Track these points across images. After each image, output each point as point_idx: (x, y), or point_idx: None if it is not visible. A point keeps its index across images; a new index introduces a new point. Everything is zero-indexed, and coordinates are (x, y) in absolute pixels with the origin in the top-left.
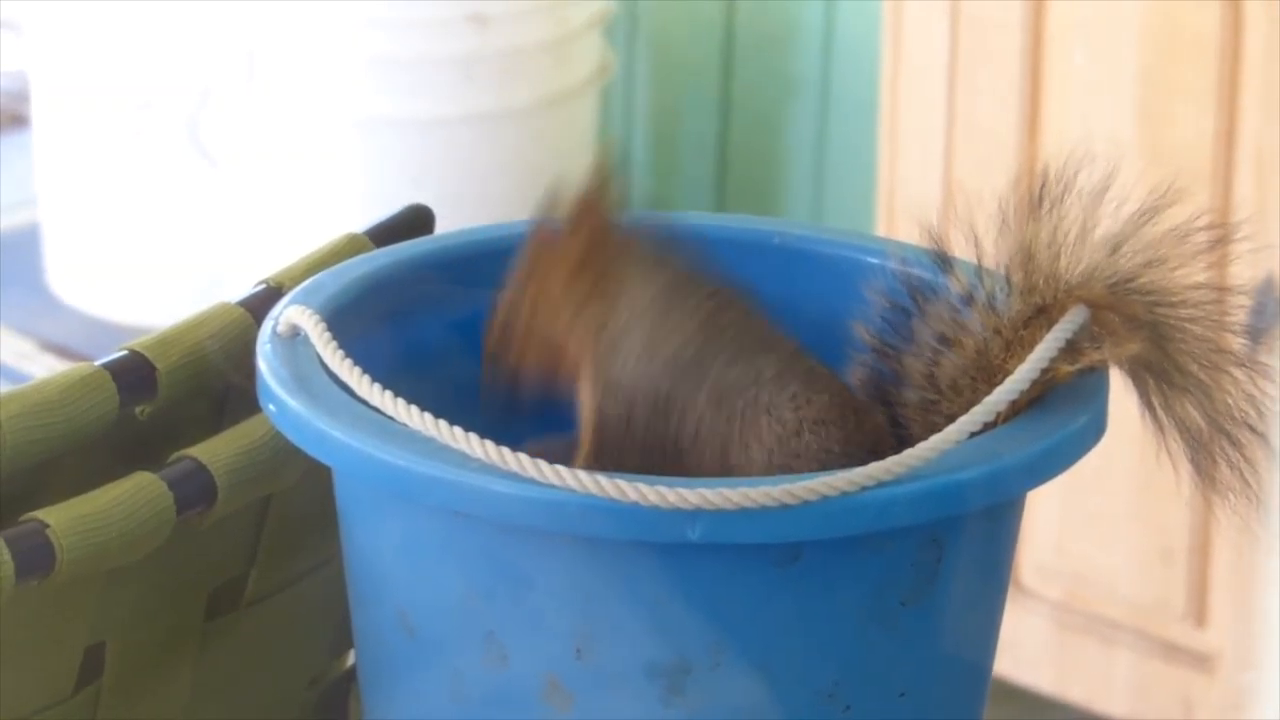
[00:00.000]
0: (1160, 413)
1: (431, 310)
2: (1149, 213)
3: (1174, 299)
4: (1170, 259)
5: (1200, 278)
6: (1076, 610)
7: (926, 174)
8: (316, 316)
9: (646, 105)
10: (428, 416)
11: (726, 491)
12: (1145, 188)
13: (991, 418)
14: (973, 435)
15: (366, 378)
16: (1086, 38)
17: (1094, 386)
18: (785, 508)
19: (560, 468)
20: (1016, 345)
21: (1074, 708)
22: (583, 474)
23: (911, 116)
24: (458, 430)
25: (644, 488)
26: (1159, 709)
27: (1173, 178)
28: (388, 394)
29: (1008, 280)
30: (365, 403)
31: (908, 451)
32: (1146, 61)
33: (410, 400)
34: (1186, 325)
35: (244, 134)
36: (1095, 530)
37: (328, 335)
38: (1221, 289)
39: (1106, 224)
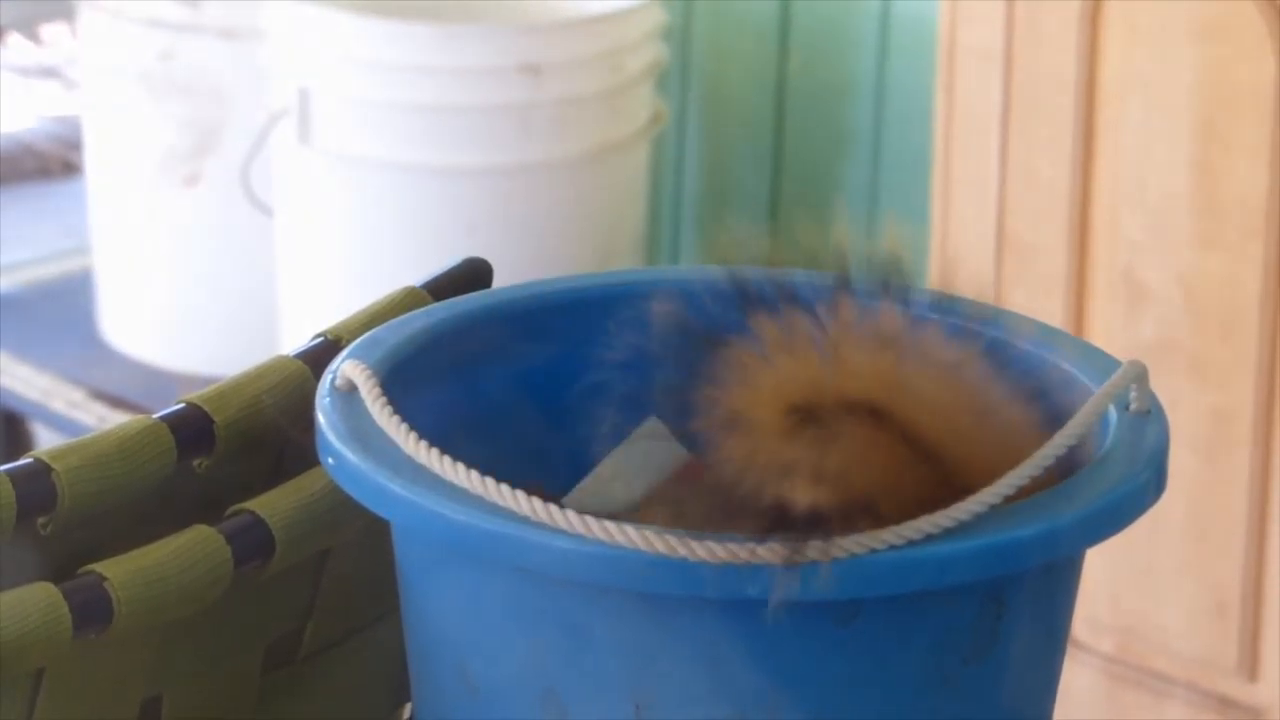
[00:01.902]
0: None
1: (492, 364)
2: None
3: None
4: None
5: None
6: (1128, 664)
7: (980, 226)
8: (369, 372)
9: (699, 156)
10: (474, 474)
11: (775, 546)
12: (1197, 241)
13: (1041, 471)
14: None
15: (414, 435)
16: (1141, 90)
17: (1155, 442)
18: (836, 563)
19: (612, 524)
20: None
21: None
22: (636, 530)
23: (965, 168)
24: (505, 488)
25: (695, 544)
26: None
27: (1226, 231)
28: (434, 451)
29: None
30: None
31: (956, 506)
32: (1201, 115)
33: (470, 455)
34: None
35: (298, 183)
36: (1148, 584)
37: (378, 391)
38: None
39: None
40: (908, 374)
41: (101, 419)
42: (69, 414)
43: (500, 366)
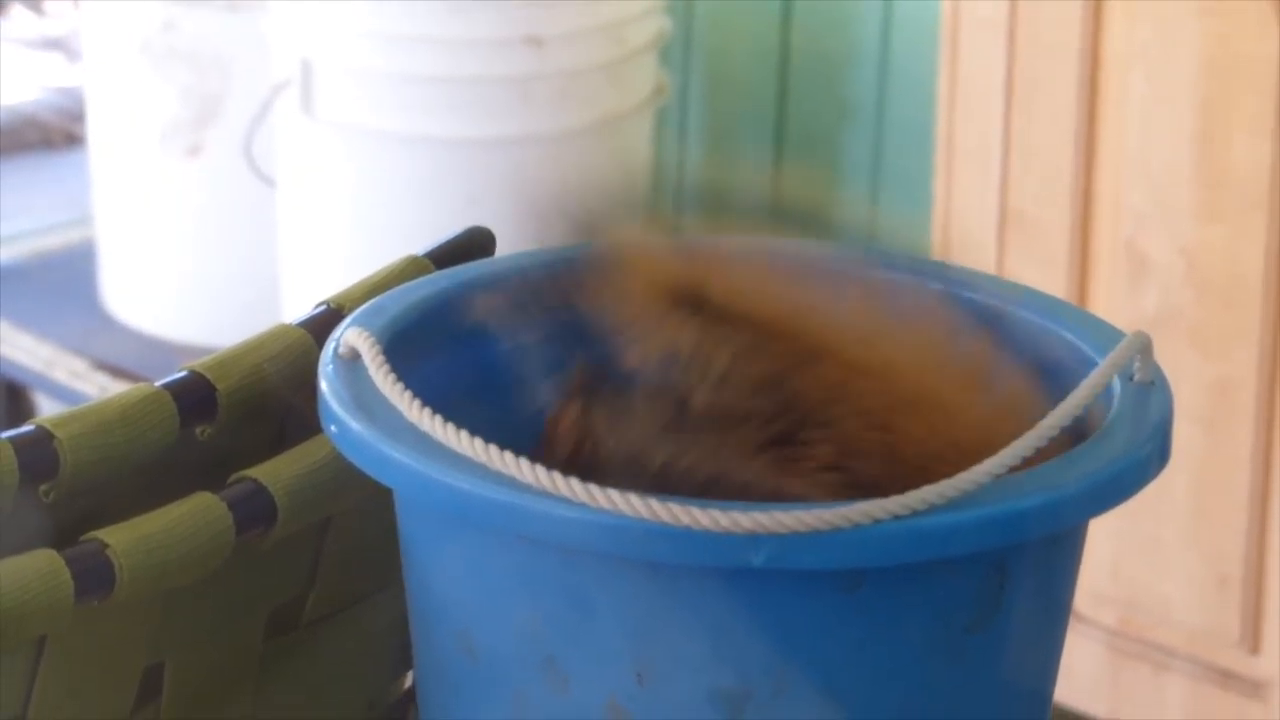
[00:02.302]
0: None
1: (495, 332)
2: None
3: None
4: None
5: None
6: (1130, 637)
7: (983, 198)
8: (372, 339)
9: (701, 128)
10: (477, 441)
11: (781, 516)
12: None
13: (1045, 442)
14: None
15: (417, 402)
16: (1144, 63)
17: (1159, 413)
18: (841, 531)
19: (614, 492)
20: None
21: None
22: (639, 498)
23: (968, 140)
24: (508, 455)
25: (699, 512)
26: None
27: (1229, 203)
28: (438, 419)
29: None
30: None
31: (960, 476)
32: (1204, 87)
33: (473, 423)
34: None
35: (300, 154)
36: (1150, 557)
37: (381, 359)
38: None
39: None
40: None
41: (103, 389)
42: (71, 384)
43: (503, 335)
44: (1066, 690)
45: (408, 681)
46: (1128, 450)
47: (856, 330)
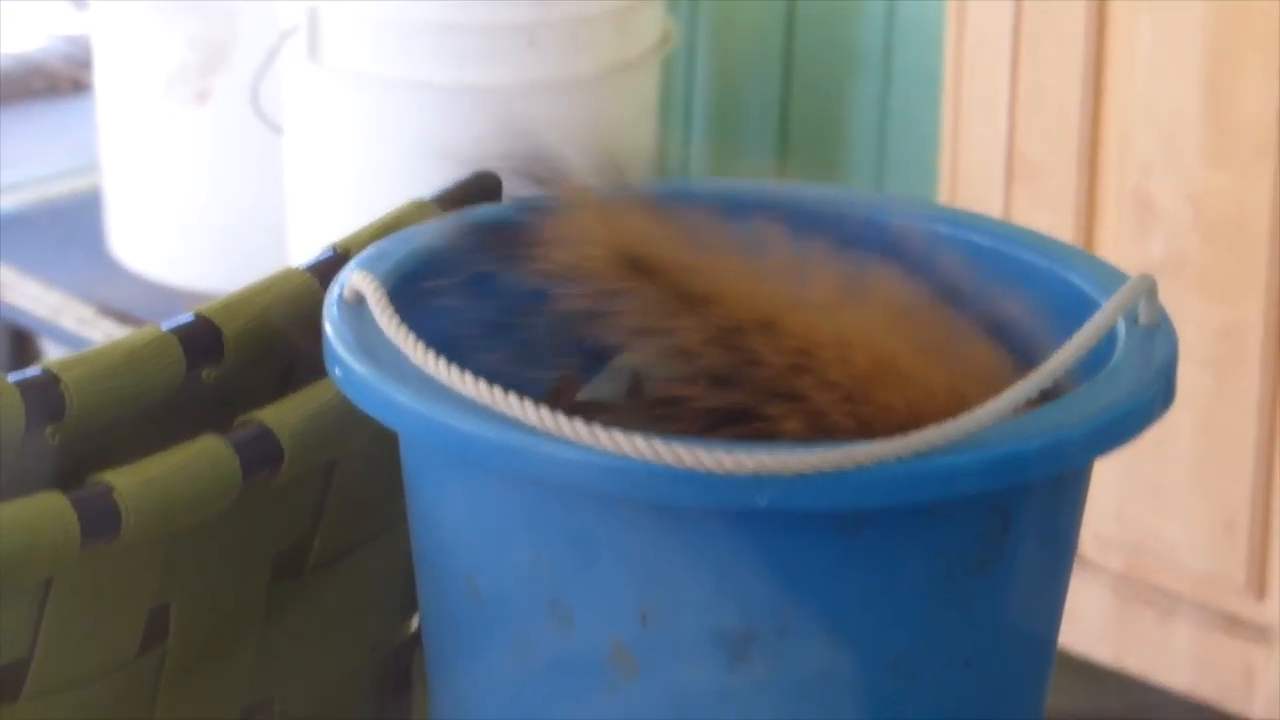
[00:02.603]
0: None
1: (499, 276)
2: None
3: None
4: None
5: None
6: (1136, 581)
7: (990, 145)
8: (377, 283)
9: (708, 75)
10: (482, 384)
11: (785, 457)
12: (1207, 159)
13: (1050, 383)
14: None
15: (421, 345)
16: (1152, 9)
17: (1163, 354)
18: (845, 472)
19: (620, 434)
20: None
21: (1133, 679)
22: (644, 439)
23: (975, 87)
24: (512, 397)
25: (703, 454)
26: (1219, 681)
27: (1236, 149)
28: (442, 361)
29: None
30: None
31: (964, 417)
32: (1212, 34)
33: (478, 365)
34: None
35: (307, 101)
36: (1156, 501)
37: (385, 302)
38: None
39: None
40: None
41: (110, 336)
42: (78, 330)
43: (508, 278)
44: (1072, 635)
45: (414, 625)
46: (1132, 392)
47: (818, 297)
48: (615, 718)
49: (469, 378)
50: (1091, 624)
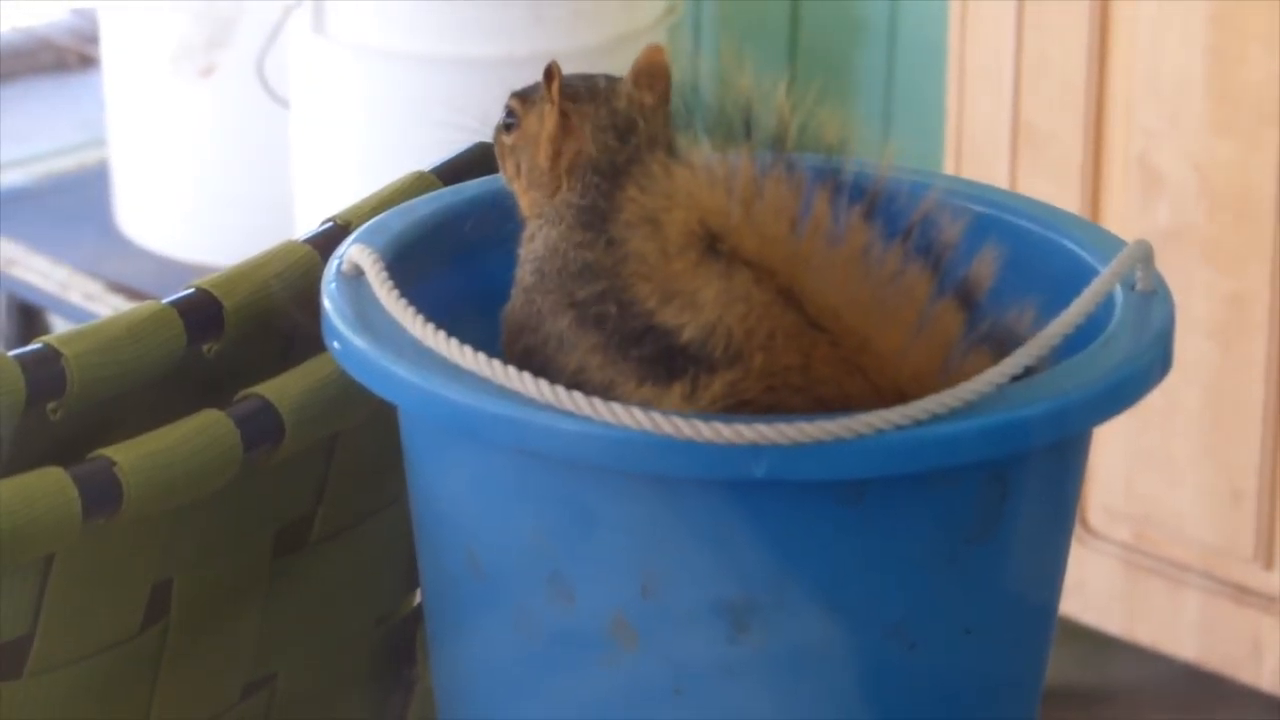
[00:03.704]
0: None
1: (499, 248)
2: None
3: None
4: None
5: None
6: (1144, 552)
7: (995, 114)
8: (375, 256)
9: (714, 47)
10: (481, 356)
11: (784, 427)
12: (1212, 127)
13: (1047, 350)
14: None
15: (420, 318)
16: None
17: (1160, 320)
18: (843, 442)
19: (619, 406)
20: None
21: (1142, 649)
22: (642, 411)
23: (980, 57)
24: (512, 370)
25: (702, 425)
26: (1227, 650)
27: (1241, 117)
28: (441, 334)
29: None
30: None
31: (962, 385)
32: (1216, 1)
33: (478, 338)
34: None
35: (313, 74)
36: (1164, 472)
37: (384, 275)
38: None
39: None
40: (804, 246)
41: (117, 312)
42: (87, 306)
43: (507, 250)
44: (1081, 606)
45: (416, 598)
46: (1129, 358)
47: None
48: (616, 689)
49: (468, 350)
50: (1100, 595)
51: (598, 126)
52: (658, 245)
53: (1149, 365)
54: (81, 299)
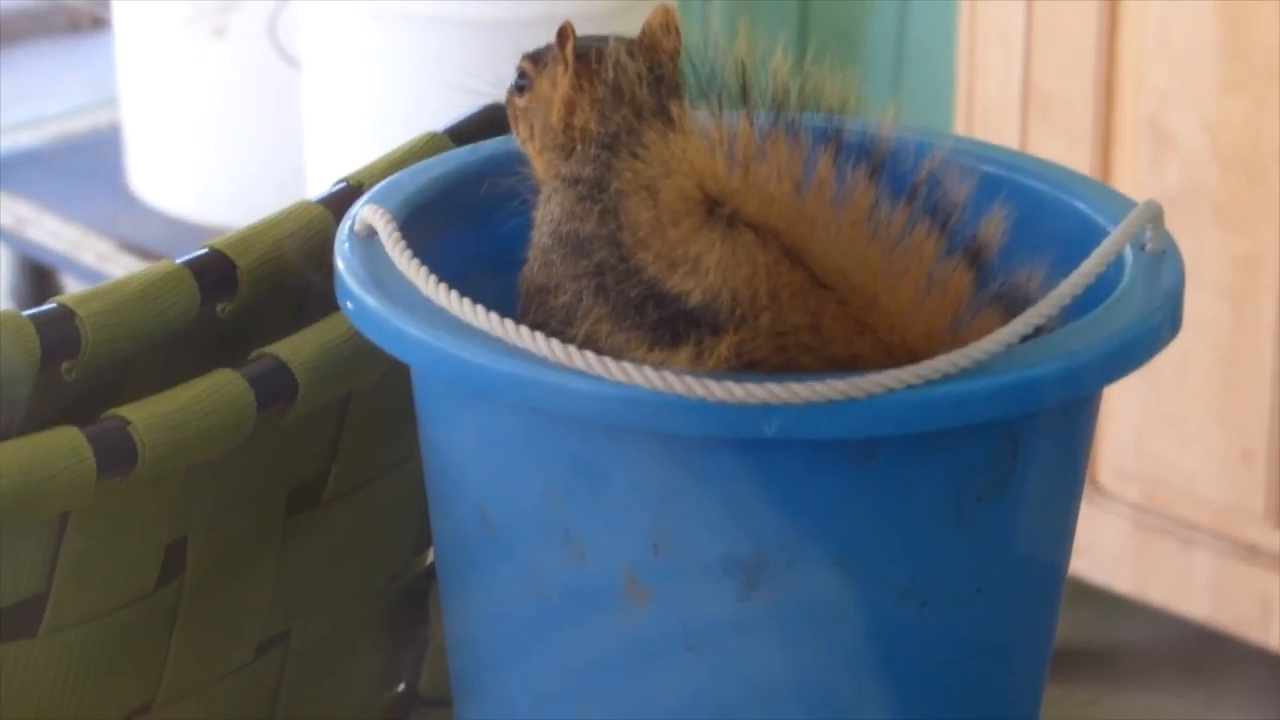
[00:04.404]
0: None
1: (512, 208)
2: None
3: None
4: None
5: None
6: (1155, 511)
7: (1006, 77)
8: (388, 216)
9: (724, 8)
10: (494, 316)
11: (795, 386)
12: (1223, 88)
13: (1056, 310)
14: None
15: (433, 278)
16: None
17: (1170, 281)
18: (854, 401)
19: (630, 365)
20: None
21: (1152, 609)
22: (654, 370)
23: (990, 18)
24: (524, 330)
25: (713, 384)
26: (1238, 610)
27: (1252, 77)
28: (454, 294)
29: None
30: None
31: (973, 345)
32: None
33: (490, 298)
34: None
35: (325, 35)
36: (1174, 432)
37: (397, 235)
38: None
39: None
40: (808, 206)
41: (130, 272)
42: (99, 266)
43: (521, 211)
44: (1092, 565)
45: (429, 557)
46: (1139, 318)
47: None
48: (628, 646)
49: (480, 309)
50: (1111, 554)
51: (604, 95)
52: (655, 213)
53: (1159, 326)
54: (93, 259)
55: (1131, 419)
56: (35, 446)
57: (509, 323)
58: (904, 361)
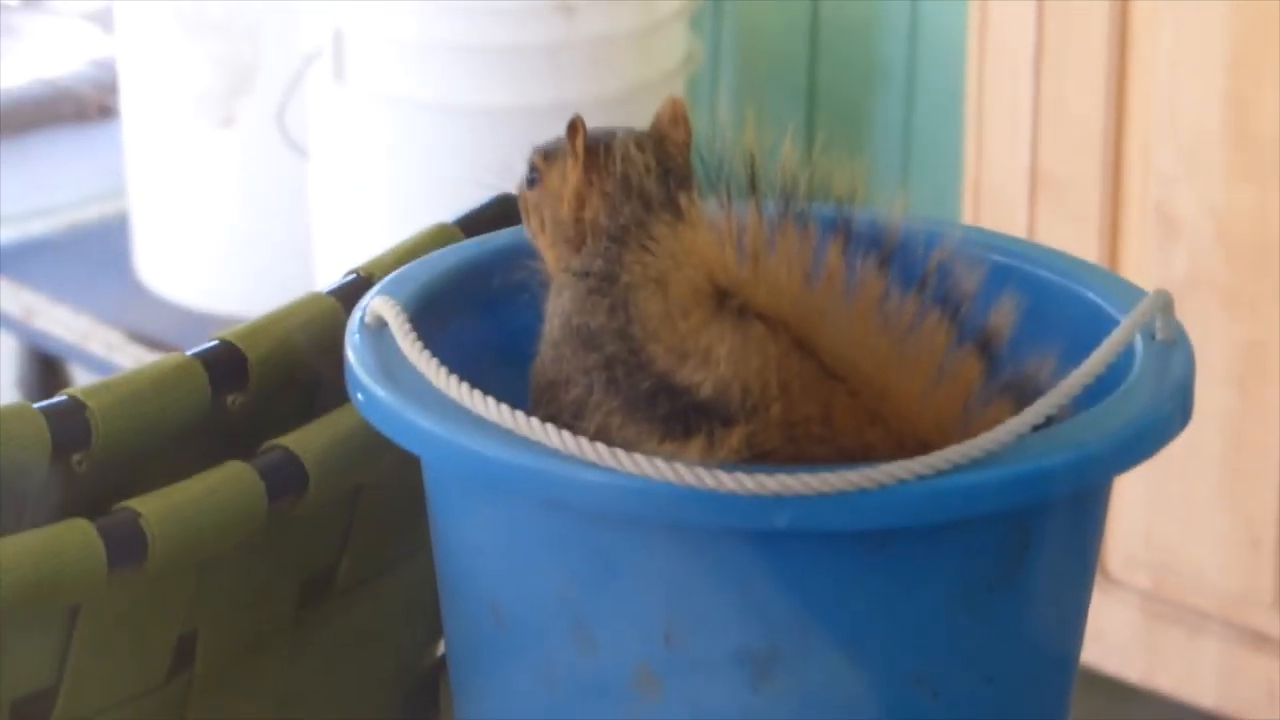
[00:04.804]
0: None
1: (522, 299)
2: None
3: None
4: None
5: None
6: (1164, 600)
7: (1013, 161)
8: (398, 307)
9: (733, 95)
10: (505, 408)
11: (806, 478)
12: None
13: (1067, 400)
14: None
15: (444, 370)
16: (1174, 23)
17: (1181, 371)
18: (866, 493)
19: (642, 457)
20: None
21: (1162, 697)
22: (665, 462)
23: (997, 103)
24: (535, 422)
25: (725, 476)
26: (1246, 698)
27: (1259, 163)
28: (465, 386)
29: None
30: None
31: (985, 435)
32: (1235, 47)
33: (503, 390)
34: None
35: (333, 124)
36: (1183, 520)
37: (408, 327)
38: None
39: None
40: (818, 297)
41: (138, 361)
42: (107, 356)
43: (531, 302)
44: (1100, 653)
45: (440, 649)
46: (1150, 408)
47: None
48: None
49: (490, 401)
50: (1120, 643)
51: (613, 188)
52: (665, 306)
53: (1170, 416)
54: (102, 349)
55: (1140, 507)
56: (46, 539)
57: (520, 415)
58: (915, 452)
